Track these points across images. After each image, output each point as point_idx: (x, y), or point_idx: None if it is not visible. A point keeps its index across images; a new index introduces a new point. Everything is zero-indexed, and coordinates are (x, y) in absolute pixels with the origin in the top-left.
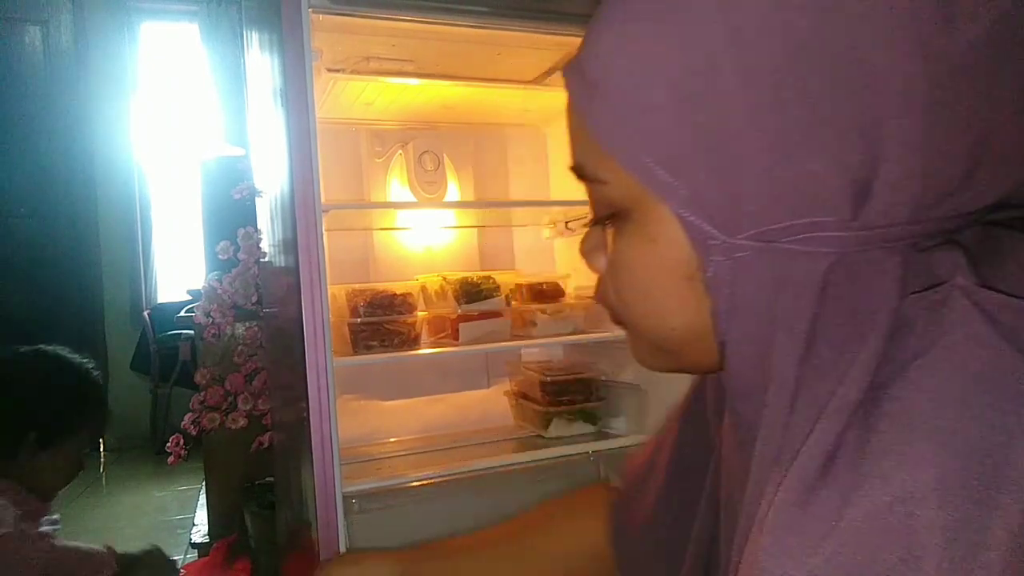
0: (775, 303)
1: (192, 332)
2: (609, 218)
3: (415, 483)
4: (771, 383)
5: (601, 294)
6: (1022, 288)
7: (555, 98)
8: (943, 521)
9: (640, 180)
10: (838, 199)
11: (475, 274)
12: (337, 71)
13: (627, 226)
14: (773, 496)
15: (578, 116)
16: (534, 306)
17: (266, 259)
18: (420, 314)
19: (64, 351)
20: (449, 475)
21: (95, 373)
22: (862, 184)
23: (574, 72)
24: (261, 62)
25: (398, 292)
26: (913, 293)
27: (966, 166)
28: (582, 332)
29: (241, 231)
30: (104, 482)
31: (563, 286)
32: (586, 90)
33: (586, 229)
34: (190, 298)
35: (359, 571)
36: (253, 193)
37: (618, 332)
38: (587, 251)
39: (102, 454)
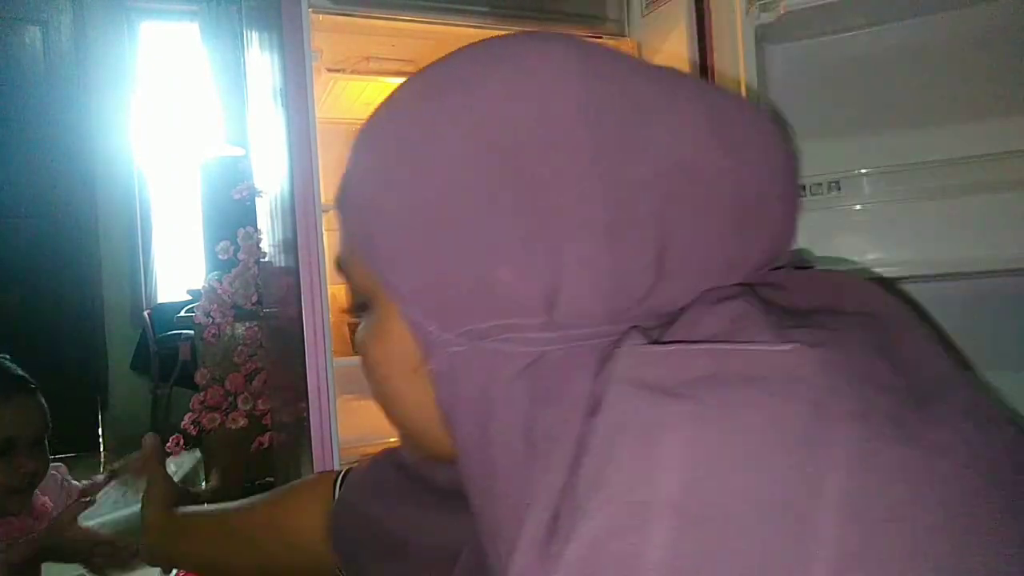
0: (487, 397)
1: (192, 332)
2: (356, 310)
3: None
4: (496, 475)
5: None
6: (687, 336)
7: None
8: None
9: (372, 277)
10: (530, 304)
11: None
12: (337, 71)
13: (369, 319)
14: None
15: (336, 207)
16: None
17: (266, 259)
18: None
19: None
20: None
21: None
22: (550, 292)
23: (340, 187)
24: (261, 62)
25: None
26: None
27: (651, 276)
28: None
29: (241, 231)
30: None
31: None
32: (342, 182)
33: None
34: (190, 298)
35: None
36: (253, 193)
37: None
38: (354, 344)
39: (102, 454)
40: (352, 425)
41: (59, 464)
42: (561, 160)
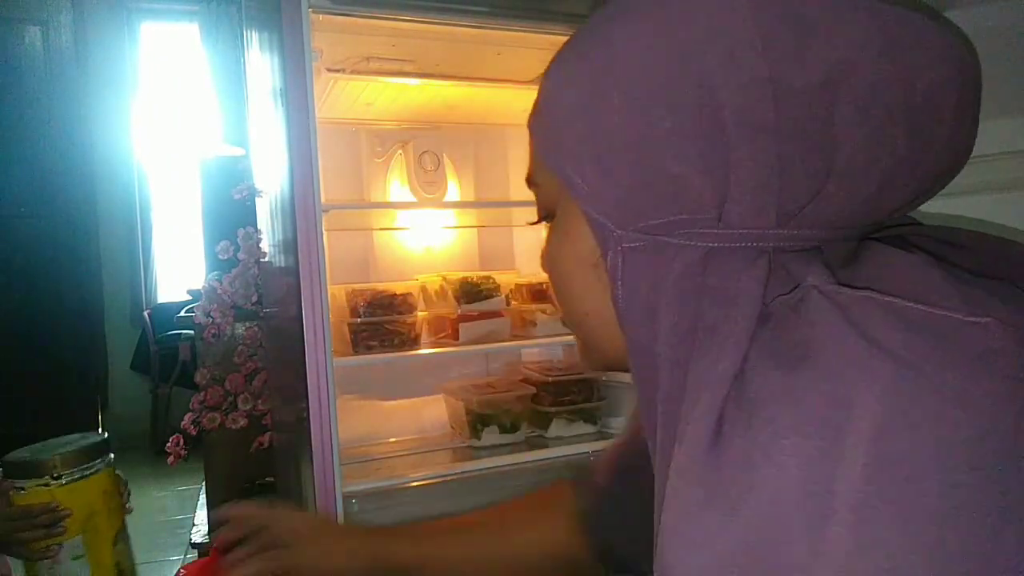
0: (658, 289)
1: (192, 332)
2: (544, 219)
3: (415, 483)
4: (661, 366)
5: (552, 298)
6: (875, 285)
7: None
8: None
9: (558, 181)
10: (703, 200)
11: (475, 274)
12: (337, 71)
13: (553, 224)
14: (668, 474)
15: (531, 130)
16: (534, 306)
17: (266, 259)
18: (420, 314)
19: None
20: (449, 475)
21: None
22: (722, 190)
23: (537, 103)
24: (261, 62)
25: (398, 292)
26: (777, 296)
27: (817, 180)
28: None
29: (241, 231)
30: None
31: None
32: (535, 117)
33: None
34: (190, 298)
35: (320, 552)
36: (253, 193)
37: None
38: (541, 259)
39: None
40: (352, 425)
41: None
42: (735, 68)
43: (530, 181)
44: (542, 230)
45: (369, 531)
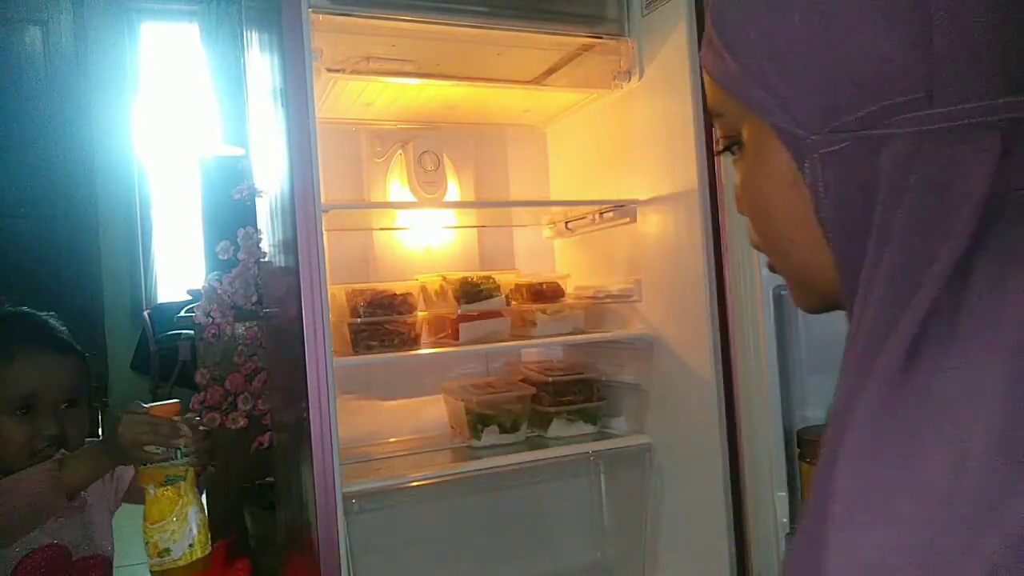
0: (867, 191)
1: (192, 332)
2: (730, 148)
3: (415, 483)
4: (875, 285)
5: (750, 237)
6: None
7: (555, 98)
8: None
9: (742, 102)
10: (909, 78)
11: (475, 274)
12: (337, 71)
13: (742, 152)
14: (856, 388)
15: (702, 65)
16: (534, 306)
17: (266, 259)
18: (420, 314)
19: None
20: (449, 475)
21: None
22: (932, 61)
23: (703, 40)
24: (261, 62)
25: (398, 292)
26: (1019, 188)
27: None
28: (582, 332)
29: (241, 231)
30: None
31: (563, 286)
32: (705, 41)
33: (588, 229)
34: (190, 298)
35: None
36: (253, 193)
37: (617, 332)
38: (736, 199)
39: None
40: (352, 425)
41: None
42: None
43: (713, 112)
44: (545, 229)
45: None
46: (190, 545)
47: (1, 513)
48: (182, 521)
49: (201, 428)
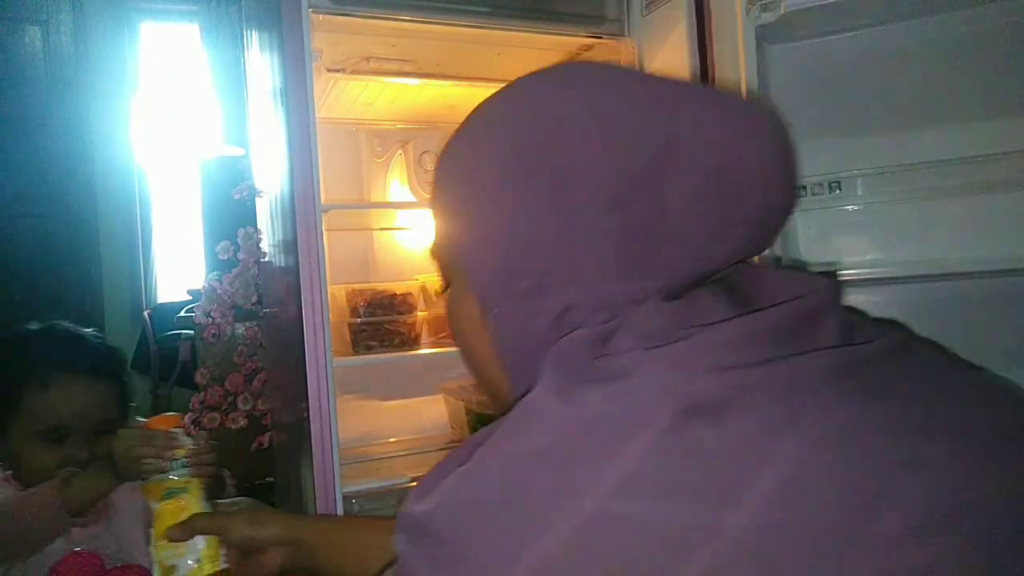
0: (528, 342)
1: (192, 332)
2: (446, 287)
3: (415, 483)
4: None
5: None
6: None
7: None
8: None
9: (449, 260)
10: (554, 263)
11: None
12: (337, 71)
13: (451, 291)
14: None
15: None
16: None
17: (266, 259)
18: (420, 314)
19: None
20: None
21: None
22: (571, 255)
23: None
24: (261, 62)
25: (398, 292)
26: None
27: (653, 240)
28: None
29: (241, 231)
30: None
31: None
32: (433, 195)
33: None
34: (190, 298)
35: (248, 523)
36: (253, 193)
37: None
38: (447, 325)
39: None
40: (352, 425)
41: None
42: (580, 154)
43: (432, 254)
44: None
45: (293, 517)
46: (197, 560)
47: (4, 532)
48: None
49: (203, 439)
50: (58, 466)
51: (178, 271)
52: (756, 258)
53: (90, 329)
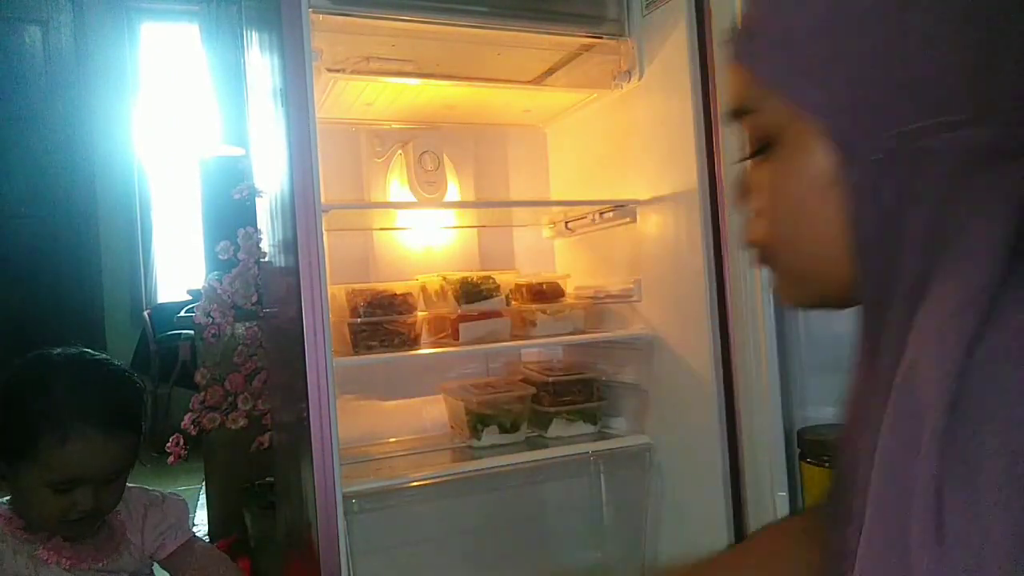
0: (911, 201)
1: (192, 332)
2: (761, 151)
3: (415, 483)
4: (896, 296)
5: (751, 233)
6: None
7: (555, 98)
8: None
9: (785, 97)
10: (964, 97)
11: (475, 274)
12: (337, 71)
13: (776, 151)
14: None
15: (736, 59)
16: (534, 306)
17: (266, 259)
18: (420, 314)
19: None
20: (449, 475)
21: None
22: (981, 84)
23: (745, 36)
24: (261, 62)
25: (398, 292)
26: None
27: None
28: (582, 332)
29: (241, 231)
30: None
31: (563, 286)
32: (745, 35)
33: (588, 229)
34: (190, 298)
35: None
36: (253, 193)
37: (618, 332)
38: (743, 191)
39: None
40: (352, 425)
41: (140, 488)
42: None
43: (740, 111)
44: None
45: None
46: None
47: None
48: None
49: None
50: (63, 513)
51: (178, 271)
52: None
53: (117, 362)
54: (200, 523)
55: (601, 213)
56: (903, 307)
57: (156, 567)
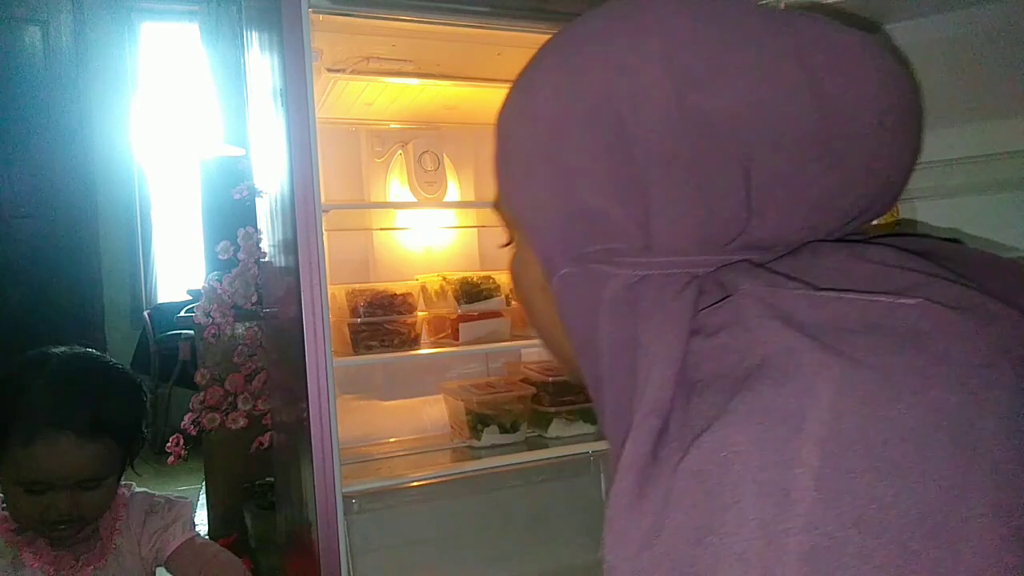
0: (595, 310)
1: (192, 332)
2: (509, 243)
3: (415, 483)
4: (603, 378)
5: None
6: (830, 280)
7: None
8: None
9: (511, 212)
10: (628, 231)
11: (475, 274)
12: (337, 71)
13: (515, 248)
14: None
15: (494, 169)
16: None
17: (266, 259)
18: (420, 314)
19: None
20: (449, 475)
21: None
22: (644, 221)
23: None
24: (261, 62)
25: (398, 292)
26: (704, 308)
27: (743, 212)
28: None
29: (241, 231)
30: None
31: None
32: (496, 150)
33: None
34: (190, 298)
35: None
36: (253, 193)
37: None
38: (511, 281)
39: None
40: (352, 425)
41: (144, 493)
42: (644, 104)
43: (496, 209)
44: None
45: None
46: None
47: None
48: None
49: None
50: (39, 514)
51: (178, 271)
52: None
53: (117, 364)
54: (200, 523)
55: None
56: (611, 408)
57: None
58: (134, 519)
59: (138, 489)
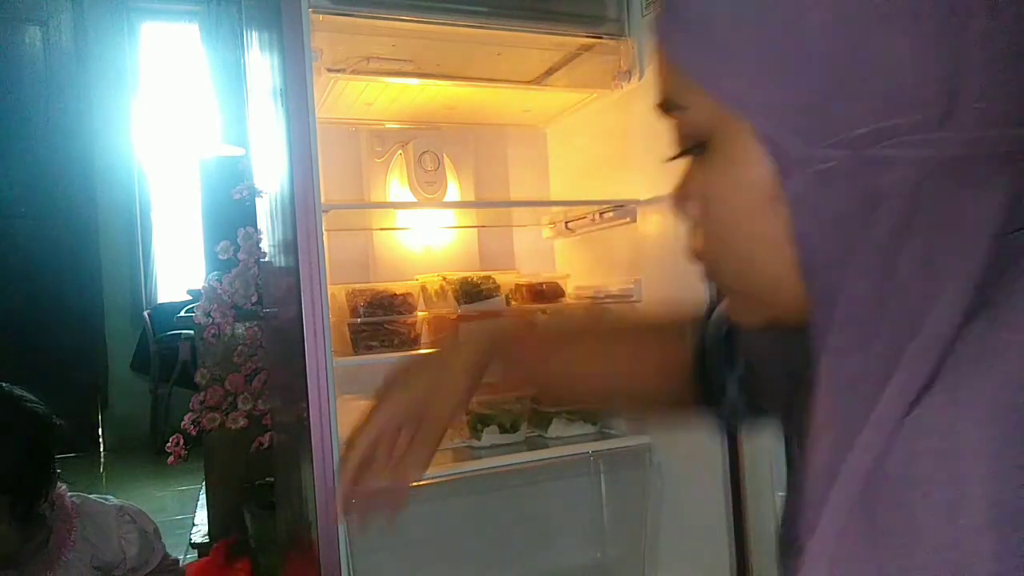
0: (861, 218)
1: (192, 332)
2: (691, 151)
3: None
4: (850, 322)
5: (691, 246)
6: None
7: (555, 98)
8: None
9: (721, 99)
10: (925, 98)
11: (475, 274)
12: (337, 71)
13: (709, 155)
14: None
15: (664, 50)
16: (534, 306)
17: (266, 259)
18: (420, 314)
19: (17, 390)
20: (449, 475)
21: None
22: (951, 82)
23: (663, 15)
24: (261, 62)
25: (398, 292)
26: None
27: None
28: None
29: (241, 231)
30: (104, 482)
31: (563, 286)
32: (673, 25)
33: (588, 229)
34: (190, 298)
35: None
36: (253, 193)
37: None
38: (678, 199)
39: (102, 454)
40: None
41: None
42: None
43: (666, 105)
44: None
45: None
46: None
47: None
48: None
49: None
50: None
51: (178, 271)
52: None
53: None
54: (200, 523)
55: (601, 213)
56: (843, 337)
57: None
58: (90, 529)
59: (91, 496)
